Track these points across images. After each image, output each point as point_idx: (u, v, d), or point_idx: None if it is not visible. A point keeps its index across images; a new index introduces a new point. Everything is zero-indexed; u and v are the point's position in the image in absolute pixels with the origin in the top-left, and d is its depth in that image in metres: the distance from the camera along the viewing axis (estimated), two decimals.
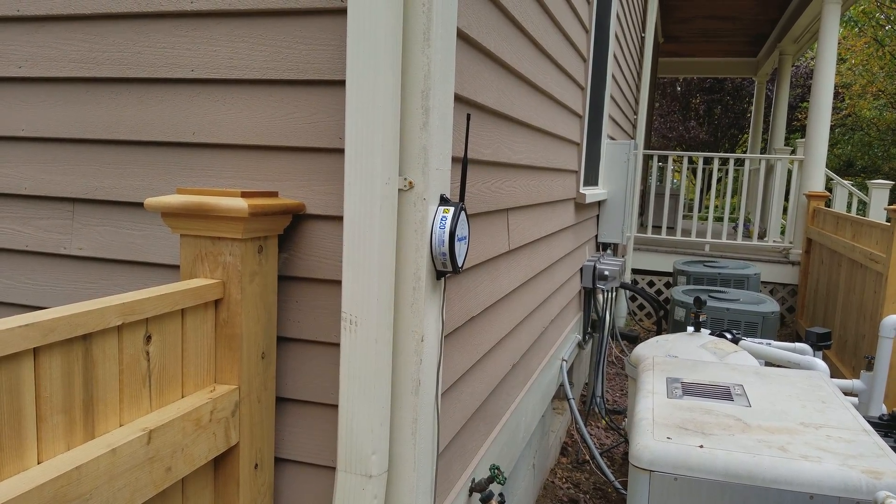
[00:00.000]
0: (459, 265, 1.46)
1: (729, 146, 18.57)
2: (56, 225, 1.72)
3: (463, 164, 1.50)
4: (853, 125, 18.67)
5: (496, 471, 2.02)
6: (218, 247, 1.35)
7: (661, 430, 1.99)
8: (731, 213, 12.46)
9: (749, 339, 3.64)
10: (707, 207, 15.97)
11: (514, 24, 2.08)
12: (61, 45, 1.65)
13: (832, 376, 4.96)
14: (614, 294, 4.74)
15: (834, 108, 18.00)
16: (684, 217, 11.49)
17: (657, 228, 9.03)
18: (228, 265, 1.35)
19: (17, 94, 1.71)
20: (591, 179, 4.20)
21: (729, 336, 3.58)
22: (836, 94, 18.19)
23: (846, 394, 3.63)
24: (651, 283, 7.32)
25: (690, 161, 15.80)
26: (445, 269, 1.45)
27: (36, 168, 1.73)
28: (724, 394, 2.32)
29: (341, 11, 1.41)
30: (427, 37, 1.32)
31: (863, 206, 7.69)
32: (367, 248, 1.34)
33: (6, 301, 1.78)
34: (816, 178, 6.70)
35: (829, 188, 7.64)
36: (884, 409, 3.53)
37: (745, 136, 18.33)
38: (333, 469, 1.52)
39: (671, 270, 7.12)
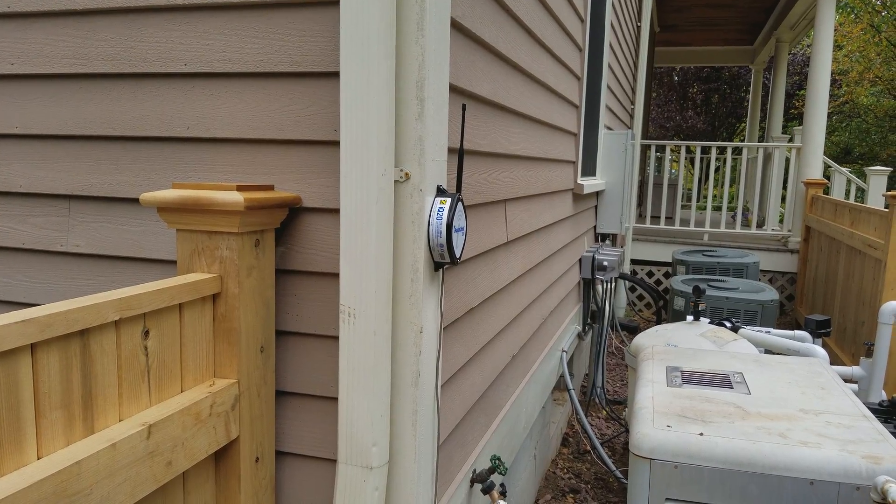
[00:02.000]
0: (457, 256, 1.46)
1: (727, 135, 18.56)
2: (52, 222, 1.72)
3: (459, 154, 1.50)
4: (850, 112, 18.65)
5: (497, 461, 2.02)
6: (214, 241, 1.35)
7: (661, 418, 1.99)
8: (730, 201, 12.46)
9: (748, 327, 3.64)
10: (705, 197, 15.98)
11: (508, 13, 2.07)
12: (53, 42, 1.64)
13: (832, 363, 4.97)
14: (613, 284, 4.74)
15: (831, 96, 17.97)
16: (683, 206, 11.49)
17: (655, 218, 9.02)
18: (225, 259, 1.35)
19: (9, 92, 1.71)
20: (589, 170, 4.20)
21: (728, 324, 3.59)
22: (834, 82, 18.15)
23: (846, 380, 3.64)
24: (650, 273, 7.32)
25: (688, 150, 15.80)
26: (443, 261, 1.45)
27: (30, 165, 1.72)
28: (723, 382, 2.32)
29: (334, 2, 1.40)
30: (421, 27, 1.32)
31: (861, 193, 7.69)
32: (364, 240, 1.33)
33: (4, 299, 1.78)
34: (814, 165, 6.69)
35: (827, 175, 7.63)
36: (883, 396, 3.54)
37: (743, 124, 18.31)
38: (334, 461, 1.52)
39: (670, 260, 7.13)
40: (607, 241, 5.06)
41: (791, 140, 8.30)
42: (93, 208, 1.68)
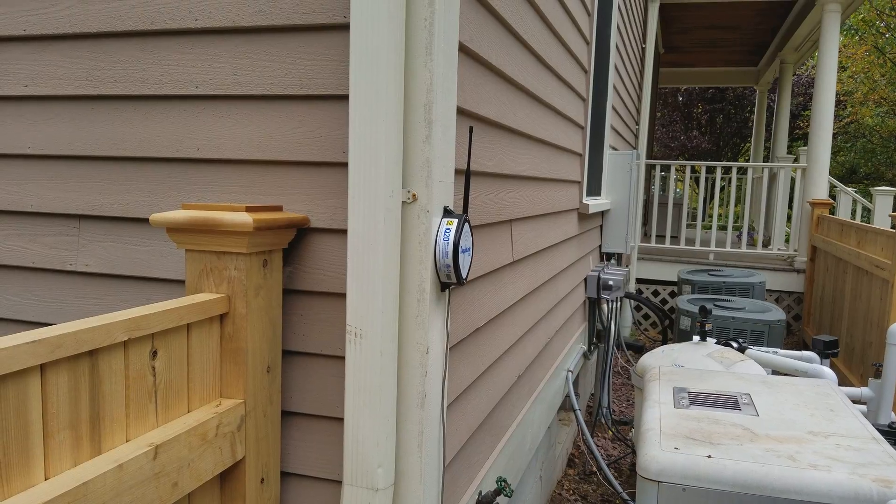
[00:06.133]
0: (464, 277, 1.46)
1: (731, 155, 18.57)
2: (62, 241, 1.73)
3: (466, 175, 1.51)
4: (856, 132, 18.67)
5: (503, 483, 2.01)
6: (223, 261, 1.36)
7: (669, 440, 1.98)
8: (735, 221, 12.44)
9: (755, 347, 3.62)
10: (710, 216, 15.96)
11: (515, 36, 2.10)
12: (67, 64, 1.66)
13: (840, 384, 4.93)
14: (619, 304, 4.73)
15: (836, 116, 18.00)
16: (688, 226, 11.48)
17: (661, 238, 9.01)
18: (233, 279, 1.36)
19: (23, 113, 1.73)
20: (594, 190, 4.21)
21: (735, 345, 3.57)
22: (838, 102, 18.19)
23: (854, 402, 3.60)
24: (656, 293, 7.30)
25: (693, 170, 15.81)
26: (450, 281, 1.45)
27: (42, 185, 1.74)
28: (731, 403, 2.31)
29: (344, 27, 1.42)
30: (429, 51, 1.33)
31: (867, 213, 7.67)
32: (371, 260, 1.34)
33: (13, 318, 1.79)
34: (820, 185, 6.69)
35: (832, 195, 7.62)
36: (893, 417, 3.50)
37: (748, 144, 18.33)
38: (339, 483, 1.51)
39: (676, 279, 7.10)
40: (613, 261, 5.05)
41: (796, 160, 8.31)
42: (102, 228, 1.69)
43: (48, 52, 1.68)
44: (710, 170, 11.89)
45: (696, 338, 3.47)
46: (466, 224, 1.45)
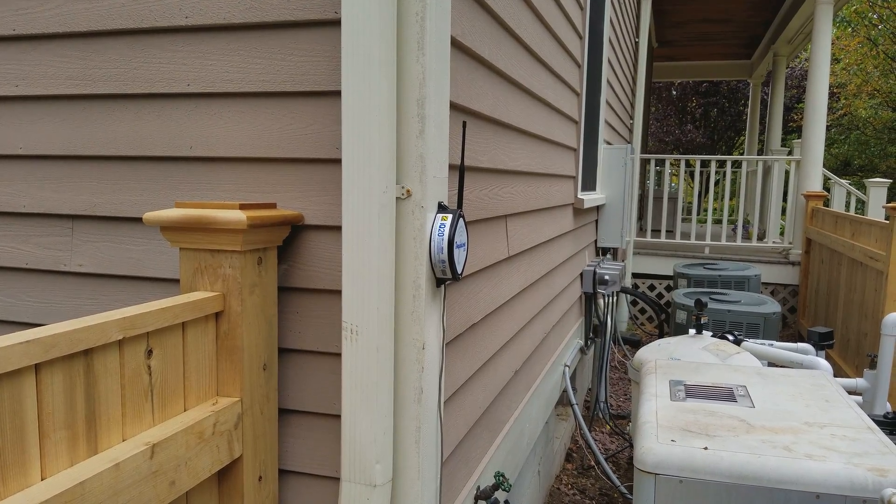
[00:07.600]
0: (459, 272, 1.46)
1: (726, 148, 18.60)
2: (56, 242, 1.73)
3: (460, 171, 1.51)
4: (849, 125, 18.73)
5: (501, 478, 2.01)
6: (217, 259, 1.36)
7: (666, 432, 1.98)
8: (730, 215, 12.46)
9: (751, 340, 3.63)
10: (706, 210, 15.98)
11: (507, 31, 2.09)
12: (57, 63, 1.66)
13: (835, 375, 4.95)
14: (615, 298, 4.73)
15: (830, 108, 18.04)
16: (683, 220, 11.48)
17: (656, 232, 9.03)
18: (228, 277, 1.35)
19: (14, 113, 1.72)
20: (589, 184, 4.21)
21: (731, 338, 3.58)
22: (832, 94, 18.23)
23: (850, 392, 3.62)
24: (652, 287, 7.32)
25: (688, 164, 15.83)
26: (445, 277, 1.45)
27: (34, 186, 1.73)
28: (727, 395, 2.31)
29: (335, 22, 1.42)
30: (421, 45, 1.33)
31: (861, 205, 7.70)
32: (366, 257, 1.34)
33: (7, 319, 1.79)
34: (814, 177, 6.71)
35: (826, 188, 7.64)
36: (888, 407, 3.52)
37: (742, 138, 18.37)
38: (337, 479, 1.52)
39: (671, 274, 7.12)
40: (608, 255, 5.06)
41: (790, 153, 8.32)
42: (96, 228, 1.69)
43: (38, 51, 1.67)
44: (705, 164, 11.92)
45: (692, 331, 3.48)
46: (461, 219, 1.45)
